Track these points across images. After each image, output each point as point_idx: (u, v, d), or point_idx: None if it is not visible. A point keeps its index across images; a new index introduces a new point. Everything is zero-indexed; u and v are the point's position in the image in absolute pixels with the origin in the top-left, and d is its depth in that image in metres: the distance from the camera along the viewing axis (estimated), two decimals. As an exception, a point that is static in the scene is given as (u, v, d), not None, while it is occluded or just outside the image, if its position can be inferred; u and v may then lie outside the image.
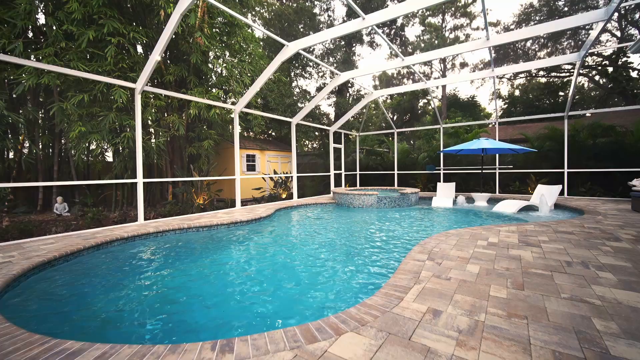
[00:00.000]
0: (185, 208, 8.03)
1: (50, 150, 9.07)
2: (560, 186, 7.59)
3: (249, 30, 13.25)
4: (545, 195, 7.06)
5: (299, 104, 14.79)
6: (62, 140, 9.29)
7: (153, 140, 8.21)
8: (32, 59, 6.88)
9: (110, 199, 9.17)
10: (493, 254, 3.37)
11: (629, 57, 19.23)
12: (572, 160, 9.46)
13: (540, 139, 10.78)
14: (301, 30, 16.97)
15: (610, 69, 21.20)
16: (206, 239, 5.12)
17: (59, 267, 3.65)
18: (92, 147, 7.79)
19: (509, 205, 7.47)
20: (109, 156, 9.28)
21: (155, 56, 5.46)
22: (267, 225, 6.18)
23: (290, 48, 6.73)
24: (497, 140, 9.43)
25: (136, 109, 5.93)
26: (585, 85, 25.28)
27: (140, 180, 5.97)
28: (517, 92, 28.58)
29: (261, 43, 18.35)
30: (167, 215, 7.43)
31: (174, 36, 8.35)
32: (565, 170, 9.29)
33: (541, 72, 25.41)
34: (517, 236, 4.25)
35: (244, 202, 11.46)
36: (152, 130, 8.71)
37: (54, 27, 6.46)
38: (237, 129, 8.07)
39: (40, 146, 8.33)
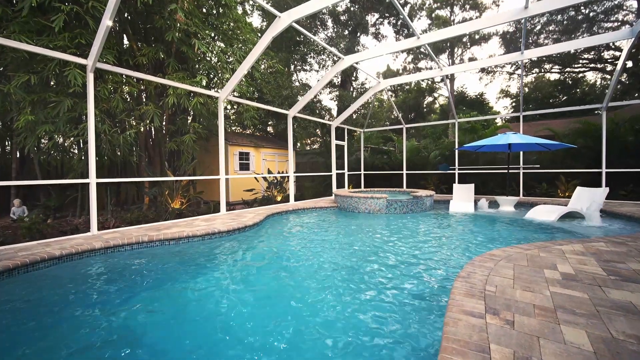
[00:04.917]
0: (160, 213, 6.84)
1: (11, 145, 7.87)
2: (607, 189, 6.29)
3: (247, 20, 12.06)
4: (593, 200, 5.79)
5: (298, 98, 13.59)
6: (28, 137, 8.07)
7: (126, 133, 7.00)
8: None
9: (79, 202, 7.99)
10: (586, 300, 2.13)
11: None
12: (609, 159, 8.16)
13: (571, 135, 9.50)
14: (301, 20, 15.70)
15: (629, 63, 19.83)
16: (168, 259, 3.90)
17: None
18: (46, 140, 6.59)
19: (547, 212, 6.20)
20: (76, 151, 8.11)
21: (106, 21, 4.26)
22: (250, 240, 4.92)
23: (283, 19, 5.52)
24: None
25: (88, 91, 4.74)
26: (598, 82, 23.87)
27: (92, 180, 4.78)
28: (526, 89, 27.21)
29: (259, 34, 17.18)
30: (135, 222, 6.22)
31: (143, 7, 7.14)
32: (604, 170, 7.99)
33: (555, 68, 24.08)
34: (595, 262, 3.00)
35: (233, 206, 10.25)
36: (127, 121, 7.51)
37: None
38: (222, 120, 6.87)
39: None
